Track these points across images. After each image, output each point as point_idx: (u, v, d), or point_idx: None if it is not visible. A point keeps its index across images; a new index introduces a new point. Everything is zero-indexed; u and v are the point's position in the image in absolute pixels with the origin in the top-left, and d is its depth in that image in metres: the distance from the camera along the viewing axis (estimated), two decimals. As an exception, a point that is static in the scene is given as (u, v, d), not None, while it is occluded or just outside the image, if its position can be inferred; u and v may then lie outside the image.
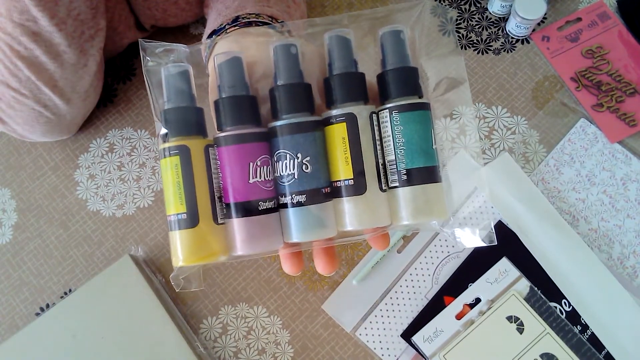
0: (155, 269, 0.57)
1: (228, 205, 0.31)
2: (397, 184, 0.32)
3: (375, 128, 0.32)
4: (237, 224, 0.31)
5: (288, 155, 0.31)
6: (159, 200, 0.60)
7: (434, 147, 0.32)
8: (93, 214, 0.59)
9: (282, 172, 0.31)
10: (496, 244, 0.33)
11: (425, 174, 0.32)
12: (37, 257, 0.58)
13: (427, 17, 0.34)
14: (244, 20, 0.40)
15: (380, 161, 0.32)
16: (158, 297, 0.53)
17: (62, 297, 0.57)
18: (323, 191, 0.31)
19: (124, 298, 0.53)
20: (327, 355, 0.54)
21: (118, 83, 0.64)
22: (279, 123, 0.31)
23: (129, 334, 0.52)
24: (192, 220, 0.31)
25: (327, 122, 0.32)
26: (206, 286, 0.56)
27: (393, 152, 0.32)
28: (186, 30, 0.66)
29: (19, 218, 0.60)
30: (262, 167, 0.31)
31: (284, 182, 0.31)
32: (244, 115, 0.32)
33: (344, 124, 0.31)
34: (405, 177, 0.32)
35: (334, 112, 0.32)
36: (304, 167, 0.31)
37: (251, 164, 0.31)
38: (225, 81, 0.32)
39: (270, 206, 0.32)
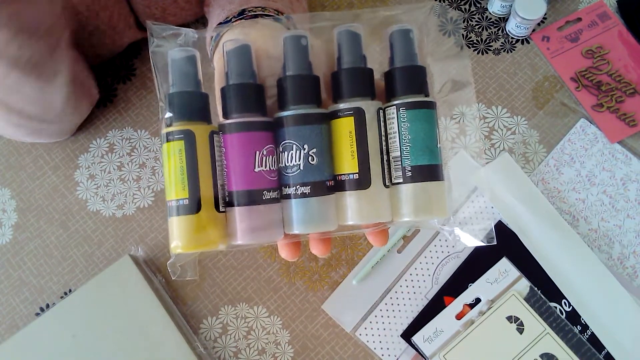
0: (155, 269, 0.57)
1: (231, 193, 0.31)
2: (400, 180, 0.32)
3: (382, 124, 0.32)
4: (239, 213, 0.31)
5: (295, 146, 0.31)
6: (159, 200, 0.60)
7: (438, 145, 0.32)
8: (93, 214, 0.59)
9: (288, 162, 0.31)
10: (495, 243, 0.33)
11: (429, 171, 0.32)
12: (37, 257, 0.58)
13: (433, 18, 0.34)
14: (250, 14, 0.40)
15: (385, 157, 0.32)
16: (158, 297, 0.53)
17: (62, 297, 0.57)
18: (327, 184, 0.32)
19: (124, 298, 0.53)
20: (327, 355, 0.54)
21: (118, 83, 0.64)
22: (286, 113, 0.31)
23: (129, 334, 0.52)
24: (193, 206, 0.30)
25: (334, 115, 0.32)
26: (206, 286, 0.56)
27: (398, 148, 0.32)
28: (186, 30, 0.66)
29: (19, 218, 0.60)
30: (267, 157, 0.31)
31: (288, 173, 0.31)
32: (252, 103, 0.32)
33: (352, 118, 0.31)
34: (409, 173, 0.32)
35: (342, 105, 0.32)
36: (310, 158, 0.31)
37: (257, 152, 0.31)
38: (234, 68, 0.32)
39: (273, 196, 0.31)
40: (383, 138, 0.32)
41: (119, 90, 0.64)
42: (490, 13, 0.66)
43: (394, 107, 0.32)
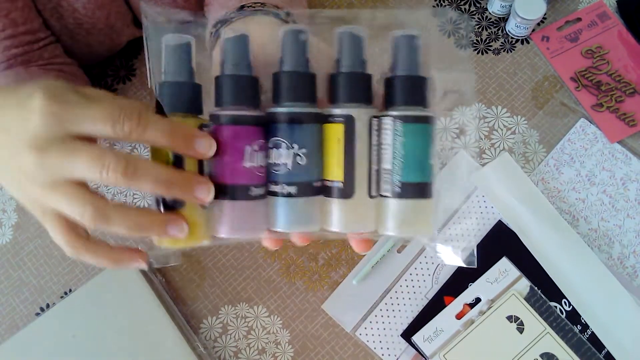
0: (155, 269, 0.57)
1: (217, 185, 0.31)
2: (388, 194, 0.31)
3: (375, 133, 0.31)
4: (224, 207, 0.31)
5: (284, 144, 0.30)
6: (159, 200, 0.60)
7: (431, 162, 0.32)
8: (93, 214, 0.59)
9: (276, 160, 0.31)
10: (476, 267, 0.33)
11: (418, 189, 0.31)
12: (37, 257, 0.58)
13: (434, 20, 0.34)
14: (249, 9, 0.40)
15: (375, 167, 0.32)
16: (158, 297, 0.53)
17: (62, 297, 0.57)
18: (314, 185, 0.31)
19: (124, 298, 0.53)
20: (327, 355, 0.54)
21: (118, 83, 0.64)
22: (279, 109, 0.31)
23: (129, 334, 0.52)
24: (178, 202, 0.30)
25: (327, 119, 0.31)
26: (206, 286, 0.56)
27: (390, 162, 0.31)
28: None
29: (19, 218, 0.60)
30: (258, 152, 0.31)
31: (276, 171, 0.31)
32: (246, 96, 0.31)
33: (342, 125, 0.31)
34: (398, 189, 0.31)
35: (334, 110, 0.31)
36: (298, 158, 0.30)
37: (248, 147, 0.30)
38: (230, 58, 0.31)
39: (260, 193, 0.31)
40: (375, 147, 0.31)
41: (119, 91, 0.64)
42: (490, 13, 0.66)
43: (390, 118, 0.31)
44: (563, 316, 0.52)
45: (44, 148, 0.28)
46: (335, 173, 0.31)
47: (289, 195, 0.31)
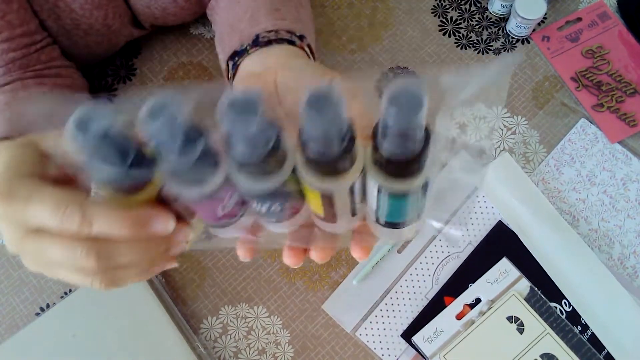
0: (155, 269, 0.57)
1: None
2: (373, 219, 0.30)
3: (358, 182, 0.26)
4: (213, 229, 0.32)
5: (256, 201, 0.28)
6: (159, 200, 0.60)
7: (421, 205, 0.28)
8: (93, 213, 0.59)
9: (250, 206, 0.29)
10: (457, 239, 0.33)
11: (402, 224, 0.30)
12: (37, 257, 0.58)
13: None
14: (264, 40, 0.41)
15: (358, 199, 0.28)
16: (158, 297, 0.53)
17: (62, 297, 0.57)
18: (293, 211, 0.30)
19: (124, 298, 0.53)
20: (327, 356, 0.54)
21: (118, 83, 0.64)
22: (244, 181, 0.25)
23: (129, 334, 0.52)
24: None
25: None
26: (206, 286, 0.56)
27: (375, 205, 0.28)
28: (186, 31, 0.66)
29: (18, 218, 0.60)
30: (231, 198, 0.28)
31: (253, 206, 0.29)
32: (205, 173, 0.25)
33: (318, 194, 0.26)
34: (382, 222, 0.30)
35: (309, 180, 0.25)
36: (272, 209, 0.28)
37: (220, 206, 0.28)
38: (166, 146, 0.23)
39: (241, 214, 0.31)
40: (358, 192, 0.27)
41: (119, 90, 0.64)
42: (490, 13, 0.66)
43: (376, 184, 0.26)
44: (563, 317, 0.52)
45: (19, 246, 0.30)
46: (316, 210, 0.29)
47: (269, 221, 0.31)
